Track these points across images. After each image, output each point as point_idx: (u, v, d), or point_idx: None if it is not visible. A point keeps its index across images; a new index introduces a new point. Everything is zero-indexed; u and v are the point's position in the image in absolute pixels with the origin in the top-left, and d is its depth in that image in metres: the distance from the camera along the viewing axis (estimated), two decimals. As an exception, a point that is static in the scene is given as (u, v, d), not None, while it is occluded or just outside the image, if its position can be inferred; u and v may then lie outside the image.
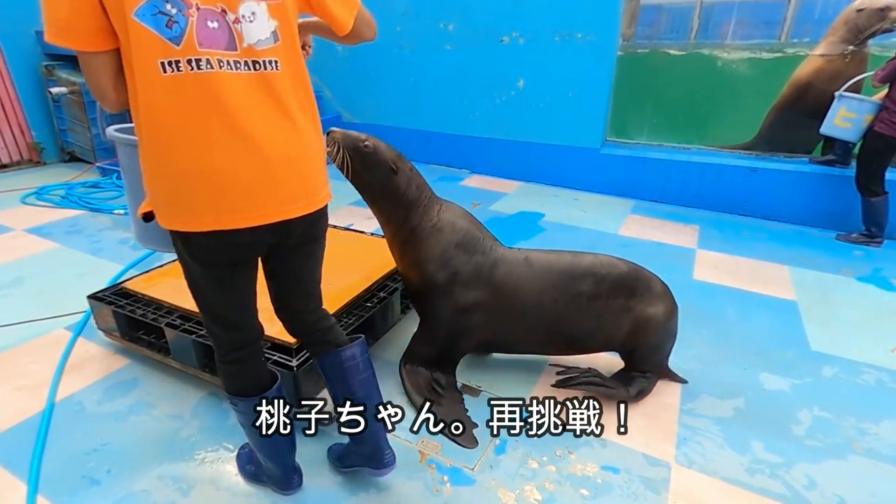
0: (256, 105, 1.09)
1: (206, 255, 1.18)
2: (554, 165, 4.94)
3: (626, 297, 1.97)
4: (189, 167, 1.06)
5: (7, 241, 3.43)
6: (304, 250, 1.34)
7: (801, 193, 4.01)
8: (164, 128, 1.05)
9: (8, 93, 4.94)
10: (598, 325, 1.99)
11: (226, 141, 1.06)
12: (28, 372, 2.15)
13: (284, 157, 1.14)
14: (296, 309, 1.46)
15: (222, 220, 1.10)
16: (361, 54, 5.52)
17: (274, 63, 1.11)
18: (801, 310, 2.79)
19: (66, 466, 1.70)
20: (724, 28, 6.01)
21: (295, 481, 1.60)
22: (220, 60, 1.03)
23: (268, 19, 1.08)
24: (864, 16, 3.73)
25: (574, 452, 1.80)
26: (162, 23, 0.98)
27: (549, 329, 2.00)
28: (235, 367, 1.37)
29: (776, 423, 1.97)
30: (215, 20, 1.03)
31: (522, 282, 1.94)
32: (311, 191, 1.23)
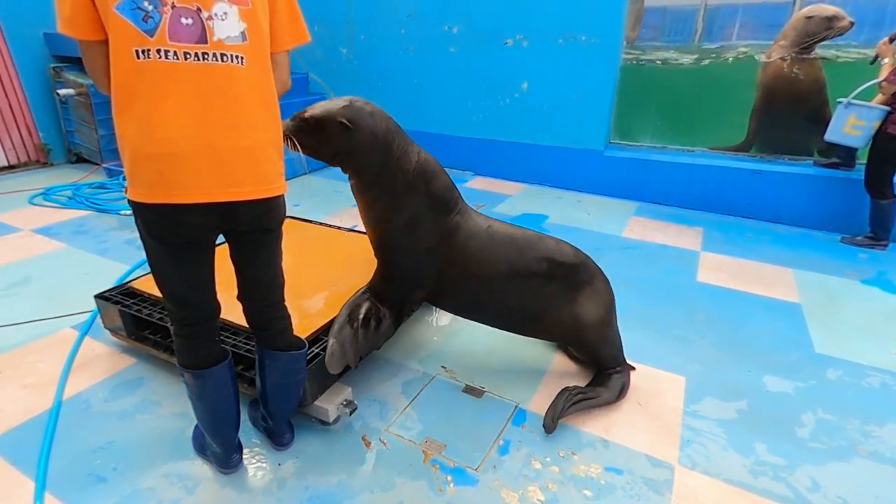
0: (216, 94, 1.21)
1: (159, 231, 1.30)
2: (557, 167, 4.95)
3: (573, 288, 1.98)
4: (145, 144, 1.19)
5: (15, 241, 3.46)
6: (256, 238, 1.43)
7: (805, 196, 4.01)
8: (129, 107, 1.19)
9: (16, 94, 4.99)
10: (543, 309, 1.98)
11: (180, 123, 1.19)
12: (36, 370, 2.17)
13: (235, 144, 1.25)
14: (253, 298, 1.56)
15: (170, 195, 1.22)
16: (366, 56, 5.55)
17: (240, 58, 1.23)
18: (805, 312, 2.79)
19: (73, 464, 1.72)
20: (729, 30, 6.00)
21: (234, 460, 1.68)
22: (188, 53, 1.17)
23: (238, 21, 1.22)
24: (813, 23, 3.94)
25: (577, 453, 1.81)
26: (139, 17, 1.13)
27: (496, 301, 1.98)
28: (187, 342, 1.48)
29: (780, 425, 1.97)
30: (189, 17, 1.17)
31: (481, 248, 1.91)
32: (260, 179, 1.32)
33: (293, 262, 2.45)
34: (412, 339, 2.46)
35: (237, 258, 1.48)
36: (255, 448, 1.81)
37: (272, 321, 1.59)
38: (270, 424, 1.77)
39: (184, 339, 1.48)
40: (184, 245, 1.33)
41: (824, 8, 3.91)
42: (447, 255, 1.92)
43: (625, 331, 2.54)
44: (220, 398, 1.56)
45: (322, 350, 1.86)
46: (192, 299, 1.43)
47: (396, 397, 2.07)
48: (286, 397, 1.70)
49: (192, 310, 1.45)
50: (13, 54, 4.86)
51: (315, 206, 4.18)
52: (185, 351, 1.49)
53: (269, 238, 1.46)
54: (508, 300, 1.96)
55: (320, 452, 1.79)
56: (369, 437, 1.86)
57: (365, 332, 1.90)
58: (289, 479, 1.68)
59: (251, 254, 1.47)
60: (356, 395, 2.00)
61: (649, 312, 2.74)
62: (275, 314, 1.59)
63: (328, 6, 5.53)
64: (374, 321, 1.94)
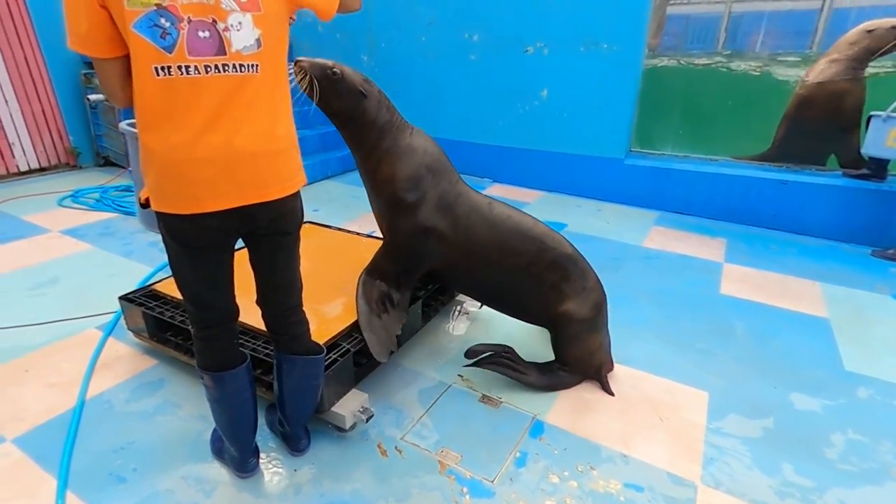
0: (235, 104, 1.24)
1: (183, 237, 1.33)
2: (577, 175, 4.90)
3: (560, 277, 2.03)
4: (174, 159, 1.22)
5: (44, 242, 3.56)
6: (275, 241, 1.46)
7: (834, 207, 3.89)
8: (153, 124, 1.21)
9: (49, 100, 5.16)
10: (528, 292, 2.04)
11: (203, 137, 1.21)
12: (60, 370, 2.22)
13: (256, 149, 1.28)
14: (272, 302, 1.58)
15: (199, 205, 1.26)
16: (386, 63, 5.60)
17: (254, 66, 1.25)
18: (833, 327, 2.70)
19: (94, 463, 1.75)
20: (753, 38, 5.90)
21: (251, 464, 1.70)
22: (208, 66, 1.19)
23: (252, 28, 1.23)
24: (877, 36, 3.79)
25: (596, 468, 1.77)
26: (157, 34, 1.14)
27: (487, 277, 2.07)
28: (206, 344, 1.51)
29: (808, 445, 1.90)
30: (206, 30, 1.18)
31: (479, 223, 2.01)
32: (283, 177, 1.36)
33: (311, 268, 2.47)
34: (429, 347, 2.44)
35: (256, 261, 1.51)
36: (271, 453, 1.81)
37: (290, 325, 1.61)
38: (287, 429, 1.77)
39: (203, 342, 1.50)
40: (205, 249, 1.36)
41: (885, 20, 3.77)
42: (451, 224, 2.01)
43: (645, 342, 2.51)
44: (238, 401, 1.57)
45: (339, 356, 1.86)
46: (211, 301, 1.46)
47: (412, 405, 2.06)
48: (303, 402, 1.70)
49: (211, 312, 1.47)
50: (47, 62, 5.03)
51: (333, 212, 4.21)
52: (204, 353, 1.52)
53: (287, 241, 1.48)
54: (499, 276, 2.05)
55: (336, 459, 1.79)
56: (385, 445, 1.85)
57: (389, 315, 2.02)
58: (304, 486, 1.68)
59: (269, 257, 1.49)
60: (372, 401, 1.99)
61: (670, 325, 2.68)
62: (293, 318, 1.61)
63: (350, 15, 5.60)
64: (388, 302, 2.05)
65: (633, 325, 2.67)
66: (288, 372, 1.63)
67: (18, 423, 1.91)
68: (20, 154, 5.08)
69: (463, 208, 2.03)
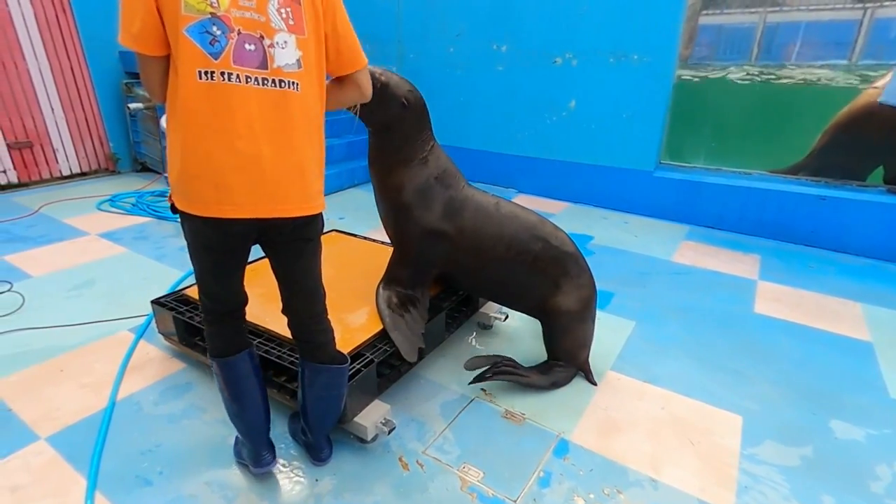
0: (270, 118, 1.28)
1: (204, 239, 1.38)
2: (604, 187, 4.84)
3: (561, 273, 2.12)
4: (201, 161, 1.26)
5: (82, 245, 3.69)
6: (295, 248, 1.48)
7: (876, 225, 3.73)
8: (187, 123, 1.25)
9: (91, 107, 5.38)
10: (529, 285, 2.13)
11: (234, 143, 1.25)
12: (93, 370, 2.28)
13: (285, 163, 1.32)
14: (296, 310, 1.60)
15: (221, 210, 1.29)
16: (415, 74, 5.62)
17: (295, 84, 1.31)
18: (876, 352, 2.57)
19: (122, 465, 1.78)
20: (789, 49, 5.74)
21: (265, 458, 1.70)
22: (249, 77, 1.24)
23: (295, 49, 1.29)
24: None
25: (623, 492, 1.71)
26: (206, 40, 1.19)
27: (493, 273, 2.14)
28: (214, 329, 1.58)
29: (850, 476, 1.80)
30: (253, 44, 1.24)
31: (487, 223, 2.09)
32: (306, 196, 1.39)
33: (336, 275, 2.49)
34: (451, 360, 2.42)
35: (277, 269, 1.54)
36: (293, 461, 1.82)
37: (315, 333, 1.62)
38: (310, 439, 1.77)
39: (212, 326, 1.57)
40: (226, 251, 1.42)
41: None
42: (459, 226, 2.08)
43: (674, 361, 2.43)
44: (245, 386, 1.62)
45: (363, 366, 1.86)
46: (221, 294, 1.53)
47: (435, 418, 2.04)
48: (326, 412, 1.70)
49: (222, 304, 1.54)
50: (91, 71, 5.25)
51: (359, 220, 4.25)
52: (214, 337, 1.58)
53: (308, 247, 1.50)
54: (504, 271, 2.12)
55: (357, 471, 1.78)
56: (406, 458, 1.84)
57: (412, 315, 2.07)
58: (325, 497, 1.67)
59: (290, 264, 1.51)
60: (394, 413, 1.98)
61: (701, 344, 2.60)
62: (317, 326, 1.62)
63: (380, 25, 5.69)
64: (409, 304, 2.10)
65: (662, 342, 2.60)
66: (311, 380, 1.64)
67: (52, 422, 1.97)
68: (63, 159, 5.30)
69: (470, 210, 2.11)
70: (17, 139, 4.92)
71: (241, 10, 1.21)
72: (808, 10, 5.39)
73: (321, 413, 1.70)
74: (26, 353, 2.39)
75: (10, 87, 4.76)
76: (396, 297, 2.13)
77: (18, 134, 4.92)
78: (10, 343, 2.48)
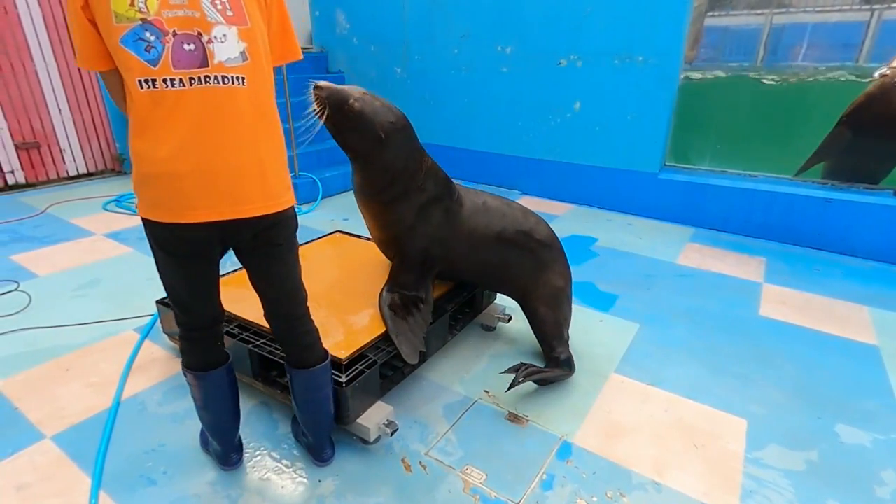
0: (218, 116, 1.24)
1: (165, 244, 1.36)
2: (608, 189, 4.82)
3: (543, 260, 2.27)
4: (151, 166, 1.24)
5: (88, 245, 3.71)
6: (266, 253, 1.45)
7: (883, 228, 3.70)
8: (139, 132, 1.24)
9: (98, 108, 5.42)
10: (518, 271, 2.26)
11: (184, 145, 1.22)
12: (99, 370, 2.30)
13: (239, 162, 1.27)
14: (277, 315, 1.58)
15: (174, 215, 1.27)
16: (420, 76, 5.66)
17: (241, 79, 1.25)
18: (883, 356, 2.55)
19: (127, 464, 1.79)
20: (795, 50, 5.71)
21: (233, 458, 1.75)
22: (193, 78, 1.20)
23: (237, 41, 1.24)
24: None
25: (627, 495, 1.70)
26: (142, 48, 1.16)
27: (485, 264, 2.24)
28: (188, 345, 1.56)
29: (856, 481, 1.79)
30: (192, 42, 1.19)
31: (480, 223, 2.19)
32: (268, 195, 1.34)
33: (339, 277, 2.50)
34: (455, 361, 2.42)
35: (252, 277, 1.51)
36: (296, 463, 1.82)
37: (300, 336, 1.60)
38: (310, 440, 1.78)
39: (186, 342, 1.55)
40: (188, 257, 1.38)
41: None
42: (455, 231, 2.16)
43: (678, 365, 2.42)
44: (218, 399, 1.62)
45: (366, 368, 1.86)
46: (195, 307, 1.49)
47: (437, 420, 2.04)
48: (318, 412, 1.70)
49: (194, 316, 1.51)
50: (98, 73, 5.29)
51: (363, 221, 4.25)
52: (188, 353, 1.57)
53: (278, 252, 1.46)
54: (496, 260, 2.23)
55: (360, 472, 1.78)
56: (409, 459, 1.84)
57: (414, 317, 2.08)
58: (328, 498, 1.67)
59: (264, 270, 1.49)
60: (397, 414, 1.98)
61: (706, 347, 2.58)
62: (301, 329, 1.60)
63: (385, 27, 5.71)
64: (412, 306, 2.12)
65: (666, 345, 2.59)
66: (300, 385, 1.64)
67: (58, 421, 1.98)
68: (70, 160, 5.34)
69: (465, 213, 2.19)
70: (24, 140, 4.96)
71: (172, 10, 1.16)
72: (814, 11, 5.37)
73: (313, 415, 1.71)
74: (32, 353, 2.41)
75: (18, 87, 4.81)
76: (399, 300, 2.13)
77: (26, 134, 4.97)
78: (17, 342, 2.49)
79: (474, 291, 2.51)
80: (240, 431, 1.78)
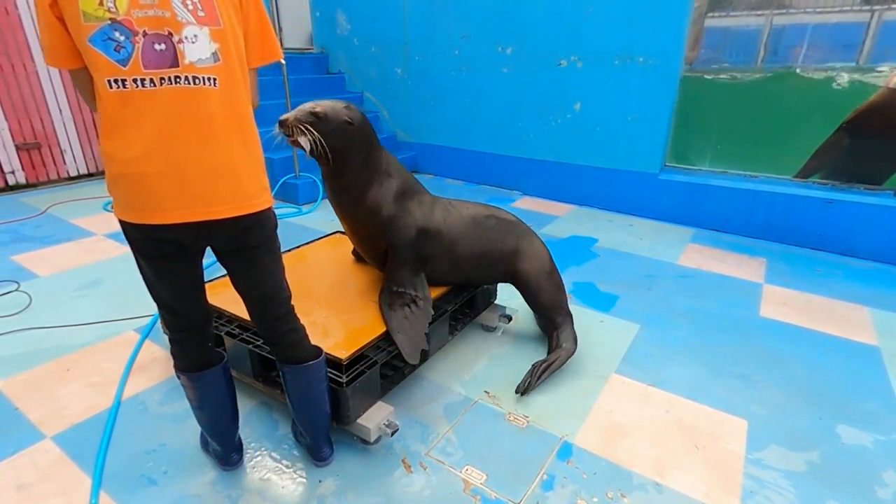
0: (188, 118, 1.22)
1: (140, 245, 1.35)
2: (608, 190, 4.83)
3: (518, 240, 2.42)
4: (121, 167, 1.23)
5: (89, 245, 3.72)
6: (244, 256, 1.44)
7: (884, 228, 3.70)
8: (109, 132, 1.23)
9: (99, 109, 5.43)
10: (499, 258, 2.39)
11: (153, 146, 1.21)
12: (100, 370, 2.30)
13: (210, 163, 1.26)
14: (260, 315, 1.58)
15: (144, 216, 1.26)
16: (420, 76, 5.67)
17: (212, 80, 1.24)
18: (884, 357, 2.55)
19: (127, 464, 1.79)
20: (796, 51, 5.71)
21: (233, 458, 1.75)
22: (163, 78, 1.18)
23: (209, 42, 1.22)
24: None
25: (627, 496, 1.70)
26: (111, 48, 1.14)
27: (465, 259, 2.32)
28: (179, 347, 1.55)
29: (857, 482, 1.79)
30: (162, 43, 1.18)
31: (454, 217, 2.31)
32: (242, 196, 1.32)
33: (340, 277, 2.49)
34: (455, 362, 2.42)
35: (232, 279, 1.50)
36: (297, 463, 1.82)
37: (283, 335, 1.59)
38: (308, 440, 1.78)
39: (176, 344, 1.55)
40: (163, 258, 1.37)
41: None
42: (436, 222, 2.25)
43: (679, 365, 2.42)
44: (214, 400, 1.62)
45: (367, 368, 1.86)
46: (179, 308, 1.48)
47: (438, 420, 2.04)
48: (313, 410, 1.70)
49: (180, 317, 1.50)
50: (99, 73, 5.30)
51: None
52: (178, 355, 1.56)
53: (256, 254, 1.44)
54: (476, 251, 2.34)
55: (360, 472, 1.78)
56: (409, 460, 1.83)
57: (416, 315, 2.09)
58: (328, 498, 1.67)
59: (243, 272, 1.48)
60: (398, 414, 1.98)
61: (707, 347, 2.58)
62: (284, 327, 1.59)
63: (386, 28, 5.71)
64: (412, 305, 2.13)
65: (668, 346, 2.58)
66: (292, 382, 1.63)
67: (59, 421, 1.98)
68: (70, 160, 5.35)
69: (438, 210, 2.30)
70: (25, 140, 4.97)
71: (142, 10, 1.14)
72: (814, 12, 5.36)
73: (308, 413, 1.71)
74: (33, 353, 2.41)
75: (18, 88, 4.81)
76: (399, 300, 2.14)
77: (27, 135, 4.97)
78: (17, 342, 2.50)
79: (474, 292, 2.51)
80: (240, 431, 1.78)
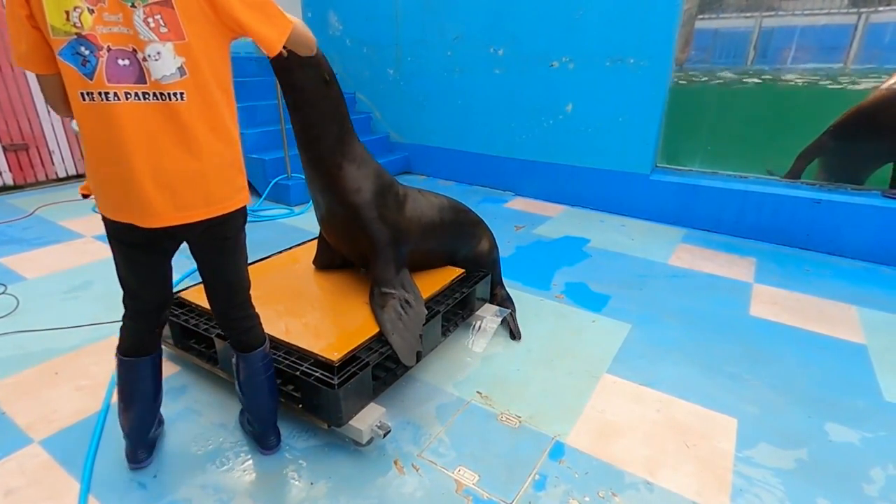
0: (158, 131, 1.28)
1: (115, 234, 1.44)
2: (600, 190, 4.85)
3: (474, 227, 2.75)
4: (97, 175, 1.33)
5: (79, 247, 3.68)
6: (213, 246, 1.54)
7: (872, 228, 3.75)
8: (85, 140, 1.31)
9: (88, 110, 5.38)
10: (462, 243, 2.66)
11: (123, 160, 1.27)
12: (90, 373, 2.27)
13: (177, 175, 1.32)
14: (217, 300, 1.67)
15: (123, 217, 1.36)
16: (412, 77, 5.67)
17: (179, 94, 1.28)
18: (871, 355, 2.58)
19: (116, 468, 1.77)
20: (784, 53, 5.78)
21: (139, 456, 1.76)
22: (128, 93, 1.23)
23: (173, 57, 1.25)
24: None
25: (618, 495, 1.71)
26: (78, 61, 1.19)
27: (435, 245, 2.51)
28: (129, 326, 1.62)
29: (845, 479, 1.81)
30: (126, 58, 1.22)
31: (424, 207, 2.45)
32: (211, 201, 1.40)
33: (333, 279, 2.49)
34: (448, 362, 2.42)
35: (198, 263, 1.59)
36: (288, 466, 1.81)
37: (238, 321, 1.68)
38: (255, 428, 1.83)
39: (129, 322, 1.61)
40: (136, 247, 1.46)
41: None
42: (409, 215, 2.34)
43: (671, 365, 2.44)
44: (139, 389, 1.67)
45: (359, 369, 1.85)
46: (141, 294, 1.56)
47: (430, 421, 2.04)
48: (258, 397, 1.76)
49: (140, 302, 1.58)
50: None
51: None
52: (125, 336, 1.62)
53: (226, 245, 1.54)
54: (442, 238, 2.53)
55: (353, 474, 1.77)
56: (402, 461, 1.83)
57: (409, 316, 2.11)
58: (320, 500, 1.67)
59: (211, 261, 1.58)
60: (390, 416, 1.98)
61: (698, 347, 2.60)
62: (239, 314, 1.68)
63: (377, 29, 5.71)
64: (405, 305, 2.14)
65: (659, 346, 2.60)
66: (242, 369, 1.71)
67: (47, 425, 1.96)
68: (59, 161, 5.29)
69: (410, 200, 2.39)
70: (12, 141, 4.91)
71: (107, 26, 1.18)
72: (803, 14, 5.43)
73: (255, 399, 1.76)
74: (21, 356, 2.38)
75: (6, 89, 4.76)
76: (391, 301, 2.14)
77: (14, 136, 4.92)
78: (5, 346, 2.46)
79: (467, 293, 2.52)
80: (233, 432, 1.77)
